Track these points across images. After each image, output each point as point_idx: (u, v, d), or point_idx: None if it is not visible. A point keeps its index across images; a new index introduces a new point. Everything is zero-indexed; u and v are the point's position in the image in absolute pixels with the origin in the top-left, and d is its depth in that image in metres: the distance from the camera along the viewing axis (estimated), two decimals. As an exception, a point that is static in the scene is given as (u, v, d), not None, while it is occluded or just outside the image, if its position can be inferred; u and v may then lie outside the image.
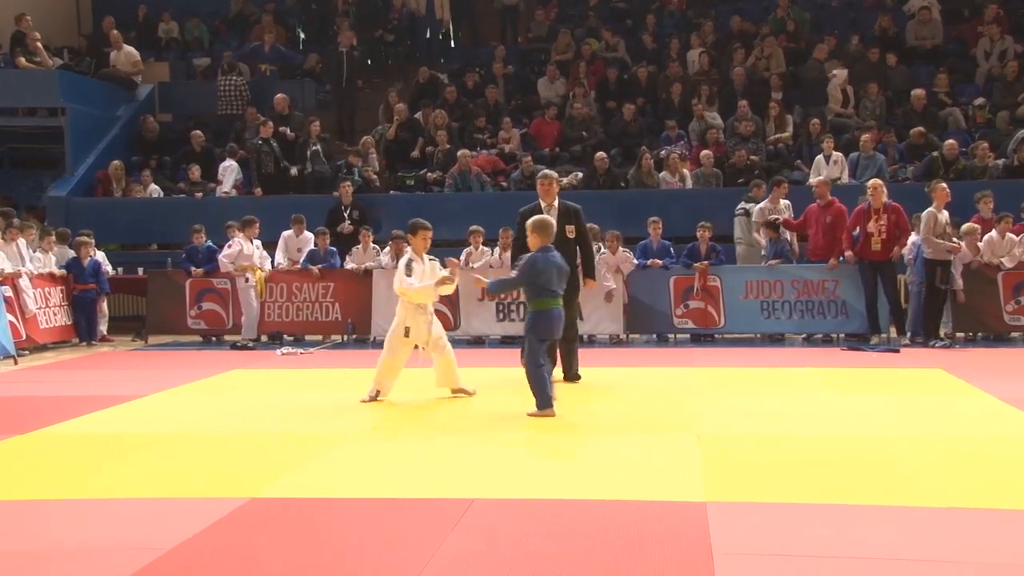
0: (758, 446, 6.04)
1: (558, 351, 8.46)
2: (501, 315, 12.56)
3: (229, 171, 15.72)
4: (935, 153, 14.64)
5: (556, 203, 8.83)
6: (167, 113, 18.54)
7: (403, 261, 8.00)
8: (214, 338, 13.36)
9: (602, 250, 12.57)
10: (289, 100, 16.62)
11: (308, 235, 13.47)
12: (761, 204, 13.24)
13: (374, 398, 7.85)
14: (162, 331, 13.43)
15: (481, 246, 12.82)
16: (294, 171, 15.67)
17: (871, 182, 12.00)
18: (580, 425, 6.85)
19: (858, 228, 11.94)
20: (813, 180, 13.54)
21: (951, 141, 14.79)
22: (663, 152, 15.70)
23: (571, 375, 8.89)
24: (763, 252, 13.01)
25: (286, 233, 13.40)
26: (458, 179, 15.49)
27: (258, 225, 12.87)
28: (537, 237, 7.27)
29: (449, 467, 5.64)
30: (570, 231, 8.76)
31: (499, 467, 5.63)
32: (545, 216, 7.68)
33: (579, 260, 8.84)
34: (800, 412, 7.23)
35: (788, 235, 12.83)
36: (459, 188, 15.46)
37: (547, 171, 9.51)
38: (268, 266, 12.96)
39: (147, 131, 17.30)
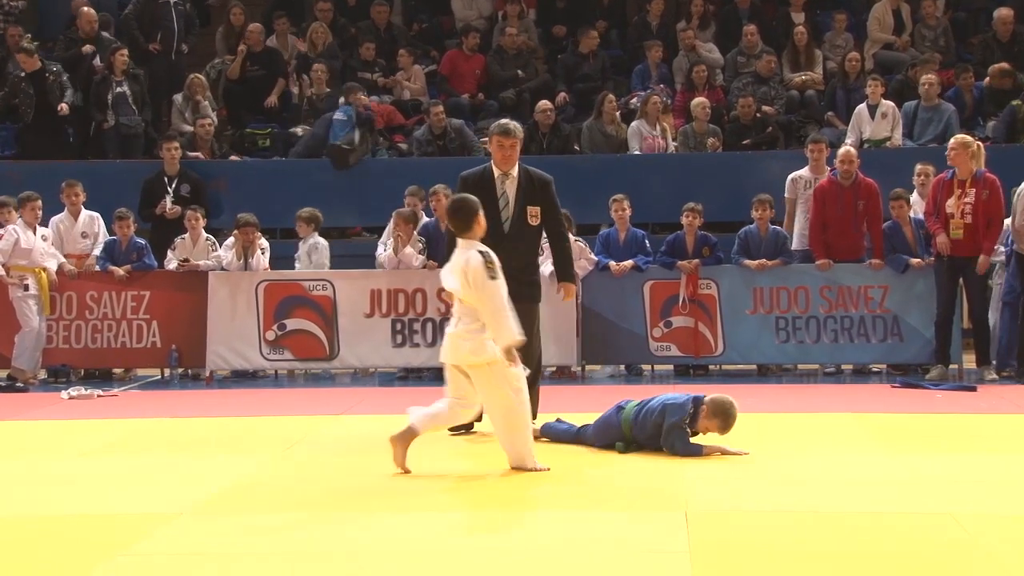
0: (769, 528, 6.10)
1: None
2: (400, 338, 12.54)
3: None
4: (1017, 101, 14.89)
5: (516, 172, 8.73)
6: None
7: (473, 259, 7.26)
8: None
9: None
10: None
11: (91, 215, 13.37)
12: (800, 173, 13.05)
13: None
14: None
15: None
16: (110, 122, 15.48)
17: (954, 140, 11.84)
18: (518, 498, 6.87)
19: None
20: (849, 142, 13.73)
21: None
22: (635, 99, 15.81)
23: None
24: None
25: (57, 218, 13.24)
26: (341, 137, 15.43)
27: (40, 204, 12.76)
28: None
29: (320, 565, 5.61)
30: (533, 215, 8.70)
31: (398, 566, 5.61)
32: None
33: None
34: (829, 478, 7.30)
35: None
36: (340, 151, 15.42)
37: (507, 124, 8.92)
38: (56, 265, 12.87)
39: None
